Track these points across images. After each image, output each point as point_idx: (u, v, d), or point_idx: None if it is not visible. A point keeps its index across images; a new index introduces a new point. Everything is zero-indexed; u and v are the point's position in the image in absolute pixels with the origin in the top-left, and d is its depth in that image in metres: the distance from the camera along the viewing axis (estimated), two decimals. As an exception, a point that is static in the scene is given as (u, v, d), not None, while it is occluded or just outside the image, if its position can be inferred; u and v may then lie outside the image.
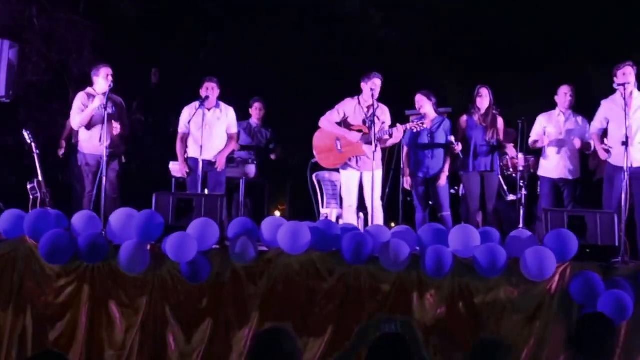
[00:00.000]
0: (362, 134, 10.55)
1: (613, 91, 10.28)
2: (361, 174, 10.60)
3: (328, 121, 10.76)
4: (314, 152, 10.93)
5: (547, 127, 10.85)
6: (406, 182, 11.05)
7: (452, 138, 10.71)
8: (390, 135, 10.56)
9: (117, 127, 10.73)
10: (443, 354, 8.59)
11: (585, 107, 10.99)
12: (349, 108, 10.70)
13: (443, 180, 10.81)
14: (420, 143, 10.88)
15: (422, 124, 10.50)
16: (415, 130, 10.66)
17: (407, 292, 8.69)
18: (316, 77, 16.50)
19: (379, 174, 10.57)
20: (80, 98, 10.88)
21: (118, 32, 14.86)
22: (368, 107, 10.65)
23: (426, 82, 11.67)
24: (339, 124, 10.75)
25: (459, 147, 10.66)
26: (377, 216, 10.41)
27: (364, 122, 10.62)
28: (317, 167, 11.46)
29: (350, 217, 10.60)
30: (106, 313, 8.76)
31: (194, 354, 8.70)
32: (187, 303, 8.77)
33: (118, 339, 8.73)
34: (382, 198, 10.78)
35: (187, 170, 10.88)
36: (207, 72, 11.52)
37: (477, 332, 8.56)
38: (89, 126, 10.71)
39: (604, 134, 10.40)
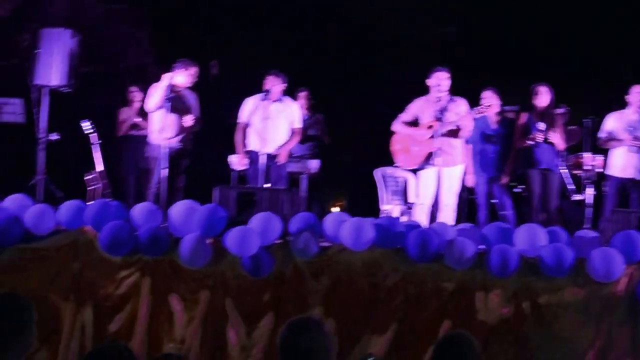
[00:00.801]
0: (431, 129, 10.45)
1: None
2: (440, 169, 10.47)
3: (397, 122, 10.71)
4: (393, 157, 10.85)
5: (616, 126, 10.76)
6: (470, 181, 10.98)
7: (540, 126, 10.62)
8: (458, 127, 10.43)
9: (188, 119, 10.72)
10: (506, 354, 8.52)
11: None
12: (418, 107, 10.63)
13: (505, 179, 10.74)
14: (485, 143, 10.82)
15: (488, 106, 10.41)
16: (482, 114, 10.56)
17: (471, 291, 8.58)
18: (373, 71, 16.41)
19: (459, 169, 10.57)
20: (154, 87, 10.83)
21: (176, 23, 14.83)
22: (438, 102, 10.56)
23: (487, 81, 11.52)
24: (411, 124, 10.65)
25: (540, 136, 10.57)
26: (449, 214, 10.36)
27: (436, 117, 10.51)
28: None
29: (422, 215, 10.48)
30: (167, 306, 8.70)
31: (254, 348, 8.62)
32: (248, 297, 8.69)
33: (178, 332, 8.67)
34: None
35: (247, 162, 10.82)
36: (266, 66, 11.47)
37: (541, 332, 8.51)
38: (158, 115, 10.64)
39: None
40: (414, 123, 10.67)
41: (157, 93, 10.63)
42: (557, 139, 10.70)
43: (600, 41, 15.51)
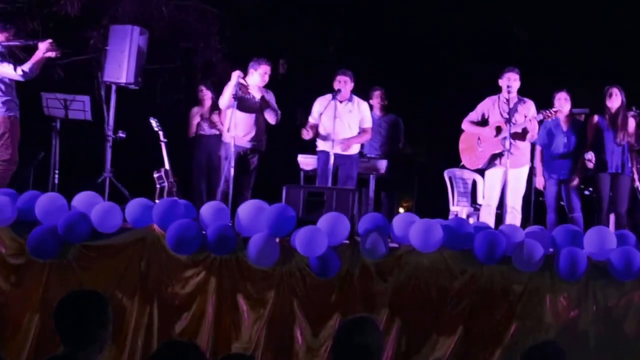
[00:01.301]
0: (499, 130, 10.40)
1: None
2: (505, 171, 10.40)
3: (467, 121, 10.71)
4: (460, 156, 10.85)
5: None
6: (539, 183, 10.92)
7: (589, 155, 10.55)
8: (525, 130, 10.38)
9: (271, 113, 10.85)
10: (573, 357, 8.45)
11: None
12: (487, 106, 10.60)
13: (575, 182, 10.68)
14: (555, 145, 10.77)
15: (555, 112, 10.36)
16: (547, 119, 10.49)
17: (540, 293, 8.54)
18: (445, 71, 16.40)
19: (524, 170, 10.55)
20: (228, 85, 10.85)
21: (246, 21, 14.87)
22: (508, 102, 10.51)
23: (558, 82, 11.45)
24: (479, 123, 10.61)
25: (590, 164, 10.53)
26: (515, 216, 10.32)
27: (505, 118, 10.45)
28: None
29: (488, 216, 10.45)
30: (233, 305, 8.72)
31: (321, 349, 8.62)
32: (315, 298, 8.69)
33: (245, 332, 8.68)
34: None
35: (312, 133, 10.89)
36: (335, 66, 11.47)
37: (609, 336, 8.46)
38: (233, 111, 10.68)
39: None
40: (483, 122, 10.65)
41: (226, 91, 10.67)
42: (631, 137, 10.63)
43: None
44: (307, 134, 10.98)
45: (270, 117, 10.91)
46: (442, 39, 16.64)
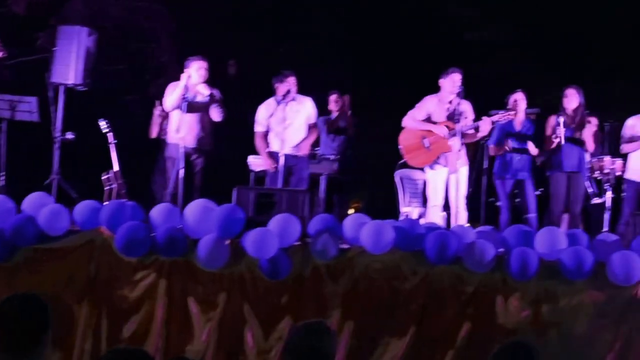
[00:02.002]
0: (447, 129, 10.42)
1: None
2: (451, 171, 10.42)
3: (412, 119, 10.65)
4: (402, 153, 10.81)
5: (637, 129, 10.74)
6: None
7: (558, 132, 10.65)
8: (477, 129, 10.43)
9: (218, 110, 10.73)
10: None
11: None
12: (430, 105, 10.60)
13: (530, 183, 10.73)
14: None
15: (509, 114, 10.41)
16: (502, 122, 10.54)
17: (491, 294, 8.54)
18: (395, 71, 16.45)
19: (464, 171, 10.55)
20: (171, 85, 10.81)
21: (196, 21, 14.82)
22: (450, 103, 10.53)
23: (512, 82, 11.51)
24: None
25: (557, 140, 10.56)
26: (461, 216, 10.32)
27: (448, 118, 10.47)
28: (406, 167, 11.35)
29: (435, 216, 10.46)
30: (183, 308, 8.64)
31: (272, 351, 8.57)
32: (266, 300, 8.64)
33: (195, 335, 8.61)
34: (466, 197, 10.66)
35: (275, 165, 10.77)
36: (285, 66, 11.44)
37: (561, 335, 8.48)
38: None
39: None
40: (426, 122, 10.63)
41: (175, 93, 10.57)
42: (587, 138, 10.69)
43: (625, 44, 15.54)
44: (266, 165, 10.96)
45: (216, 114, 10.80)
46: (394, 39, 16.71)
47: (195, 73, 10.70)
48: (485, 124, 10.40)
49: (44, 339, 4.53)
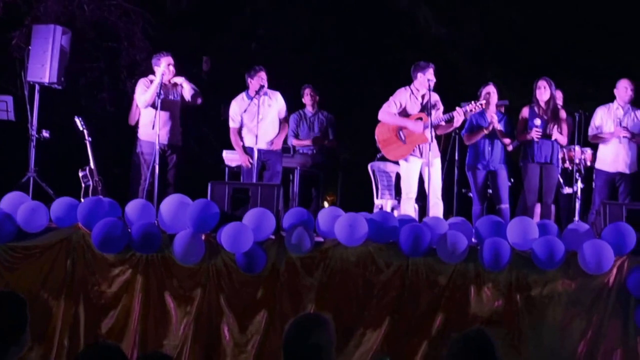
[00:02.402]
0: (422, 121, 10.50)
1: None
2: (422, 163, 10.51)
3: (387, 113, 10.69)
4: (379, 146, 10.88)
5: (605, 120, 10.88)
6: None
7: (537, 122, 10.76)
8: (449, 120, 10.50)
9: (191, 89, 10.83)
10: (500, 346, 8.55)
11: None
12: (403, 98, 10.64)
13: (504, 172, 10.83)
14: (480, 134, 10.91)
15: (482, 105, 10.50)
16: (474, 112, 10.62)
17: (464, 284, 8.65)
18: (366, 68, 16.54)
19: (437, 162, 10.63)
20: (142, 82, 10.88)
21: (169, 19, 14.86)
22: (422, 96, 10.63)
23: (479, 78, 11.63)
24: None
25: (536, 134, 10.70)
26: (439, 207, 10.42)
27: (421, 110, 10.57)
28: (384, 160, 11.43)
29: (409, 208, 10.51)
30: (160, 303, 8.74)
31: (248, 344, 8.67)
32: (242, 293, 8.73)
33: (172, 329, 8.70)
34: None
35: (250, 161, 10.84)
36: (258, 62, 11.50)
37: (534, 324, 8.59)
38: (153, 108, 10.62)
39: None
40: (401, 115, 10.70)
41: (150, 90, 10.62)
42: (557, 135, 10.78)
43: (590, 36, 15.68)
44: (242, 161, 11.04)
45: (194, 97, 10.90)
46: (360, 34, 16.80)
47: (165, 69, 10.77)
48: (459, 115, 10.49)
49: (22, 335, 4.58)
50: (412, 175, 10.56)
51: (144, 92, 10.74)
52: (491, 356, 5.02)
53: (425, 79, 10.53)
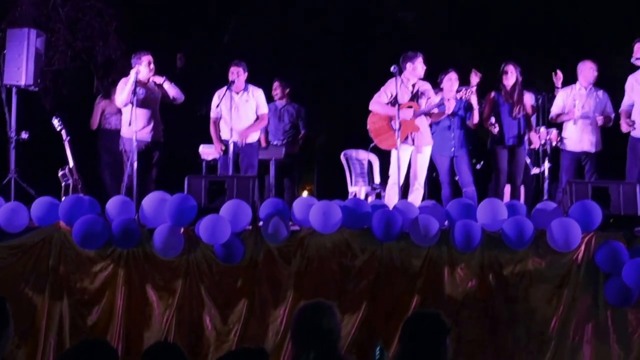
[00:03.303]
0: (412, 109, 10.69)
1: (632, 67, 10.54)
2: (414, 150, 10.68)
3: (378, 103, 10.86)
4: (371, 136, 11.03)
5: (568, 100, 11.10)
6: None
7: (492, 120, 10.98)
8: (441, 106, 10.70)
9: (173, 87, 11.05)
10: (475, 325, 8.79)
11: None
12: (394, 88, 10.74)
13: (466, 156, 11.03)
14: (443, 122, 11.07)
15: (472, 90, 10.71)
16: (464, 98, 10.84)
17: (438, 266, 8.84)
18: (337, 56, 16.62)
19: (428, 150, 10.85)
20: (122, 82, 11.02)
21: (142, 18, 14.93)
22: (413, 85, 10.84)
23: (446, 63, 11.77)
24: (387, 104, 10.86)
25: (495, 129, 10.91)
26: (419, 192, 10.69)
27: (411, 99, 10.77)
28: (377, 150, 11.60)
29: (393, 194, 10.56)
30: (143, 296, 8.93)
31: (230, 333, 8.85)
32: (222, 284, 8.92)
33: (155, 321, 8.89)
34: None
35: (223, 148, 11.03)
36: (231, 56, 11.66)
37: (507, 302, 8.80)
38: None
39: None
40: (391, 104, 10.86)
41: (125, 89, 10.79)
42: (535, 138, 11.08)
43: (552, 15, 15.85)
44: (216, 151, 11.23)
45: (176, 94, 11.11)
46: (334, 24, 16.89)
47: (145, 68, 10.93)
48: (450, 103, 10.67)
49: (3, 331, 4.69)
50: (402, 162, 10.61)
51: (120, 92, 10.90)
52: (442, 339, 5.17)
53: (415, 68, 10.75)
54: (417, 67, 10.80)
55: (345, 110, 11.05)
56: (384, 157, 11.25)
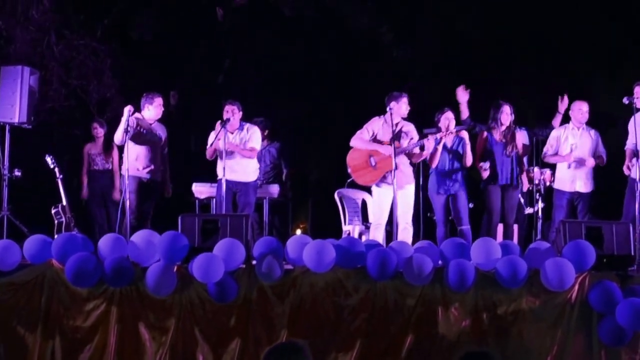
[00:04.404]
0: (391, 147, 10.71)
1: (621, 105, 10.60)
2: (394, 190, 10.69)
3: (359, 139, 10.95)
4: (350, 172, 11.10)
5: (561, 140, 11.15)
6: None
7: (484, 165, 11.01)
8: (422, 148, 10.78)
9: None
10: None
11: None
12: (376, 126, 10.89)
13: (462, 196, 11.04)
14: (441, 161, 11.09)
15: (451, 133, 10.75)
16: (444, 140, 10.87)
17: (432, 306, 8.81)
18: (331, 93, 16.69)
19: (411, 188, 10.89)
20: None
21: (136, 56, 15.01)
22: (396, 125, 10.86)
23: (440, 100, 11.83)
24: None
25: (486, 173, 10.94)
26: (408, 232, 10.69)
27: (394, 138, 10.79)
28: (354, 185, 11.62)
29: (379, 234, 10.71)
30: (135, 335, 8.86)
31: (223, 372, 8.83)
32: (216, 323, 8.87)
33: (148, 360, 8.85)
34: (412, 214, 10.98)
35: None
36: (225, 95, 11.72)
37: (501, 342, 8.76)
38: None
39: None
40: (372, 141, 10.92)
41: (119, 128, 10.81)
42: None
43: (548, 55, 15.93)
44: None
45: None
46: (330, 61, 16.97)
47: (154, 109, 11.01)
48: (430, 143, 10.73)
49: None
50: (384, 203, 10.76)
51: (117, 131, 10.96)
52: None
53: (400, 108, 10.80)
54: (401, 107, 10.89)
55: (338, 147, 11.06)
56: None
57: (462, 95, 11.41)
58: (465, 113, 11.51)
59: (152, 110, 11.03)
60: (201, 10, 16.10)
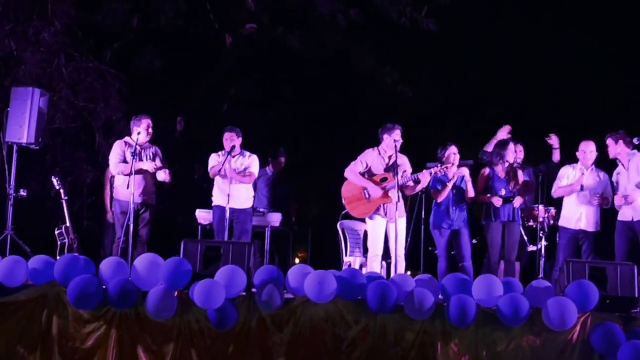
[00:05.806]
0: (386, 181, 10.76)
1: None
2: (387, 222, 10.74)
3: (352, 172, 10.98)
4: (344, 203, 11.11)
5: (570, 179, 11.15)
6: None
7: (502, 192, 11.04)
8: (416, 181, 10.79)
9: (165, 173, 11.02)
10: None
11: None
12: (370, 158, 10.94)
13: (465, 232, 11.03)
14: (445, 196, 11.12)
15: (446, 167, 10.76)
16: (439, 175, 10.87)
17: (432, 340, 8.78)
18: (333, 128, 16.75)
19: (403, 221, 10.87)
20: (118, 145, 11.09)
21: (144, 81, 15.08)
22: (389, 157, 10.91)
23: (441, 137, 11.87)
24: (362, 174, 10.96)
25: (499, 202, 10.94)
26: (400, 265, 10.61)
27: (386, 170, 10.86)
28: (348, 217, 11.63)
29: (376, 266, 10.73)
30: (133, 358, 8.84)
31: (219, 399, 8.79)
32: (214, 349, 8.85)
33: (145, 383, 8.81)
34: (405, 247, 10.93)
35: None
36: (229, 122, 11.74)
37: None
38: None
39: None
40: (365, 174, 10.98)
41: (127, 165, 10.87)
42: (518, 201, 11.08)
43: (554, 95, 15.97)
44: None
45: (165, 178, 11.11)
46: (332, 97, 17.06)
47: (143, 131, 10.99)
48: (425, 177, 10.76)
49: None
50: (378, 233, 10.80)
51: (119, 161, 11.00)
52: None
53: (392, 139, 10.80)
54: (394, 139, 10.85)
55: (337, 181, 11.09)
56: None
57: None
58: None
59: (142, 133, 11.00)
60: (210, 38, 16.18)
